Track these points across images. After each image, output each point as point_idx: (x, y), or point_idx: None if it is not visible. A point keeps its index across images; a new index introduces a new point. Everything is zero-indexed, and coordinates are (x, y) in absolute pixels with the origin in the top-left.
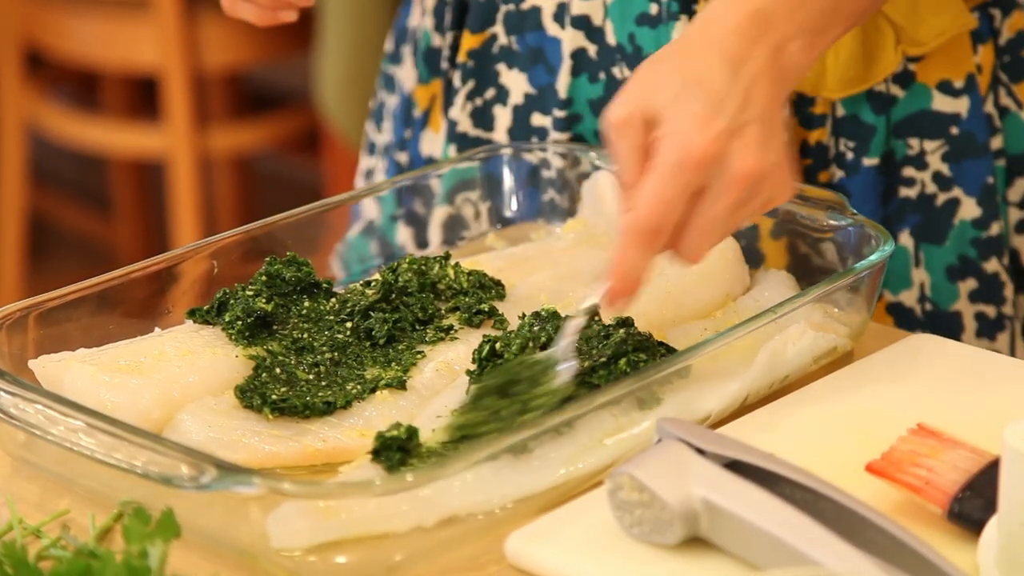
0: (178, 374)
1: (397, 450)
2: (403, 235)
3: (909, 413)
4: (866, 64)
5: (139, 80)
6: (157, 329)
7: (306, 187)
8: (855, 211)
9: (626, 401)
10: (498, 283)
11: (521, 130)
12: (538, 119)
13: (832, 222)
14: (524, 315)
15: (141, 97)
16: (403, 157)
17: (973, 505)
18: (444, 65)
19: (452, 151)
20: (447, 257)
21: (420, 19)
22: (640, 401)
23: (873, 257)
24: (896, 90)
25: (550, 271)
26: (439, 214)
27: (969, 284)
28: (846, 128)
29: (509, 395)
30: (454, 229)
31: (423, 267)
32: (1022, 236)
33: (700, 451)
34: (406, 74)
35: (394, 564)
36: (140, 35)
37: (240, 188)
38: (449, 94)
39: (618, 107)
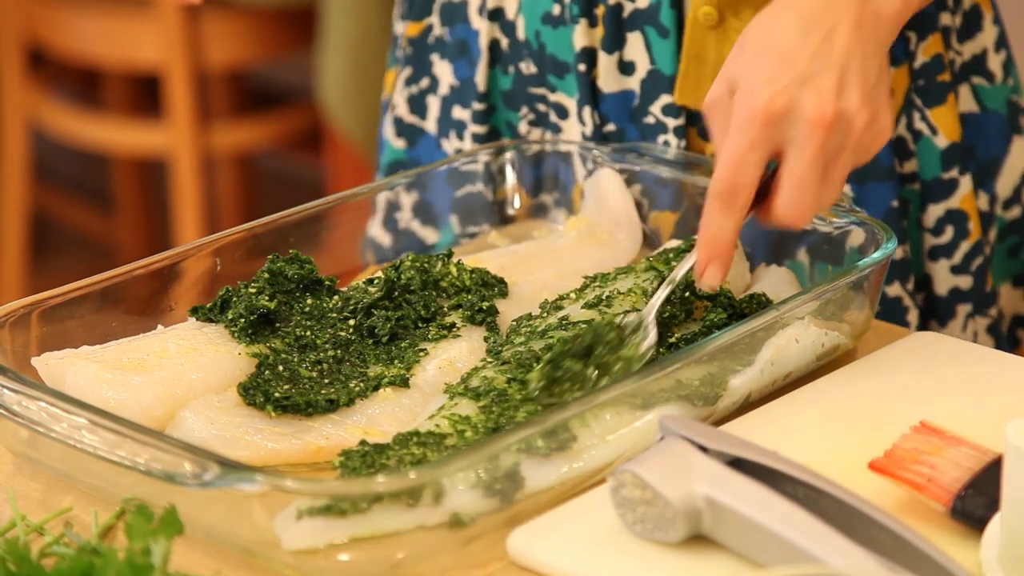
0: (181, 371)
1: (362, 458)
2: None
3: (911, 411)
4: None
5: (141, 77)
6: (160, 326)
7: (308, 185)
8: (858, 208)
9: (628, 399)
10: (501, 281)
11: (445, 122)
12: (458, 112)
13: (835, 219)
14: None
15: (143, 95)
16: None
17: (976, 503)
18: (399, 53)
19: (391, 132)
20: (450, 255)
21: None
22: (641, 399)
23: (876, 255)
24: None
25: (552, 269)
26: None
27: None
28: None
29: (590, 359)
30: (461, 224)
31: (426, 264)
32: (935, 262)
33: (703, 448)
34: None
35: (397, 561)
36: (142, 32)
37: (242, 186)
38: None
39: (711, 90)
